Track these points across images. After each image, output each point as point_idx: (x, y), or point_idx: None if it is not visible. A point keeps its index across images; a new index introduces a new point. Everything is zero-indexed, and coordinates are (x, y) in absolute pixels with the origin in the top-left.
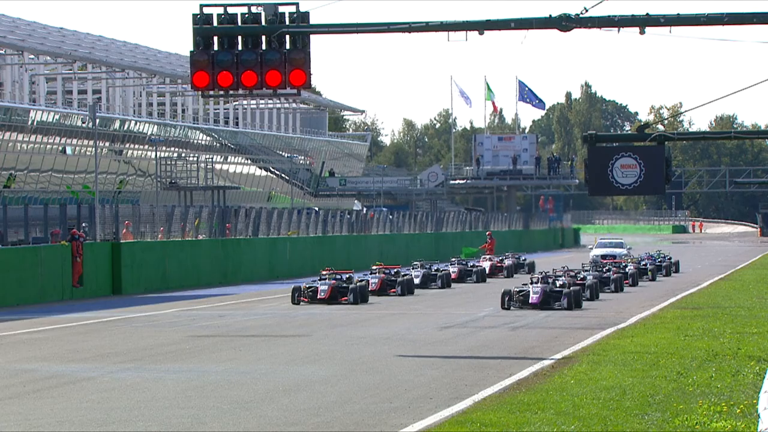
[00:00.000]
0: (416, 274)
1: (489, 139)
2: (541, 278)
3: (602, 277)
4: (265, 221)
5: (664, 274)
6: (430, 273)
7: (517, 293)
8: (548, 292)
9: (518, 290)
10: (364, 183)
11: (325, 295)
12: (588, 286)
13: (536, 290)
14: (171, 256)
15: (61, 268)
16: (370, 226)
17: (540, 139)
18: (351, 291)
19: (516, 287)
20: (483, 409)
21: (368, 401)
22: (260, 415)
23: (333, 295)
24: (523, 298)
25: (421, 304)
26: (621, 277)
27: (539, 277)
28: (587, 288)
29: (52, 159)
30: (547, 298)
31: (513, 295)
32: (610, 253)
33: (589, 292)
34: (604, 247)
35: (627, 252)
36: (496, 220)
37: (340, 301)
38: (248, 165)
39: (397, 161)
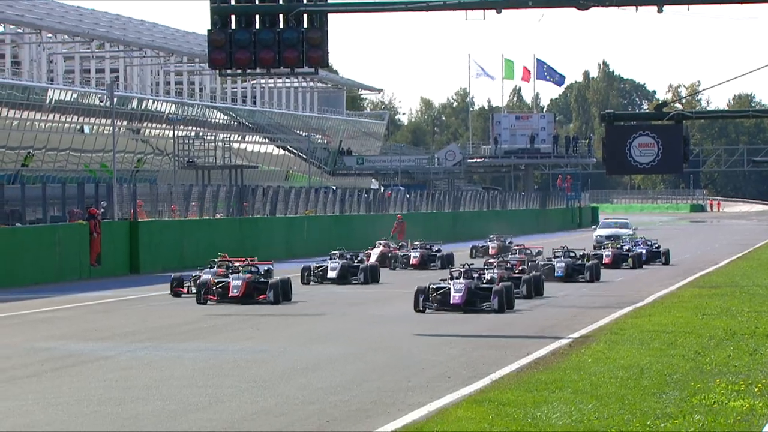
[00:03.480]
0: (333, 266)
1: (506, 118)
2: (464, 272)
3: (575, 265)
4: (283, 200)
5: (663, 261)
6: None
7: (435, 291)
8: (473, 289)
9: (435, 287)
10: (381, 162)
11: (416, 262)
12: (525, 281)
13: (458, 288)
14: (188, 235)
15: (79, 247)
16: (388, 205)
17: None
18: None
19: (433, 284)
20: (501, 388)
21: (385, 380)
22: (278, 393)
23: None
24: (442, 298)
25: None
26: (596, 264)
27: (461, 271)
28: (525, 283)
29: (70, 138)
30: (473, 297)
31: (429, 293)
32: (615, 234)
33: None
34: (608, 227)
35: (632, 233)
36: (513, 199)
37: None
38: (266, 144)
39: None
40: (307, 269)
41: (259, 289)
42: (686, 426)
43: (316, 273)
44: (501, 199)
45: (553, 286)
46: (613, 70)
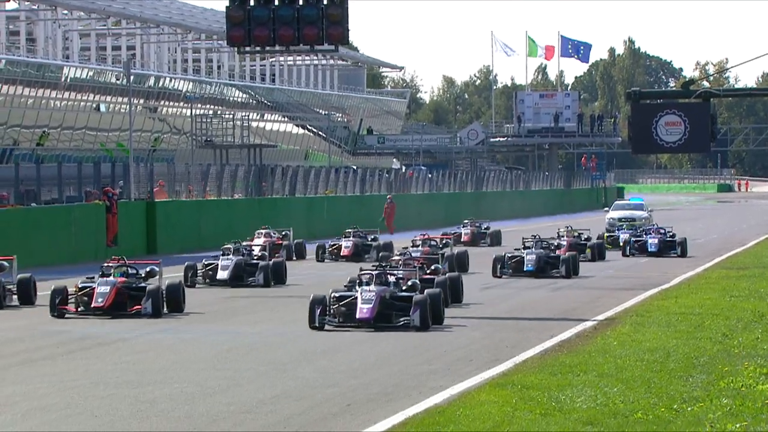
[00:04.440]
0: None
1: (530, 96)
2: (377, 276)
3: (548, 257)
4: (302, 180)
5: (679, 252)
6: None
7: (337, 301)
8: (387, 298)
9: (338, 296)
10: (402, 141)
11: (348, 252)
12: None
13: (367, 297)
14: (206, 215)
15: (95, 228)
16: (409, 185)
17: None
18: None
19: (335, 292)
20: (524, 371)
21: (407, 363)
22: (297, 376)
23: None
24: (346, 310)
25: None
26: (573, 257)
27: (372, 275)
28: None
29: (86, 116)
30: (387, 308)
31: (327, 304)
32: (629, 216)
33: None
34: (621, 209)
35: (648, 215)
36: (537, 179)
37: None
38: (285, 123)
39: (436, 119)
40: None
41: (134, 298)
42: (713, 410)
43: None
44: (524, 179)
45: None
46: (639, 47)
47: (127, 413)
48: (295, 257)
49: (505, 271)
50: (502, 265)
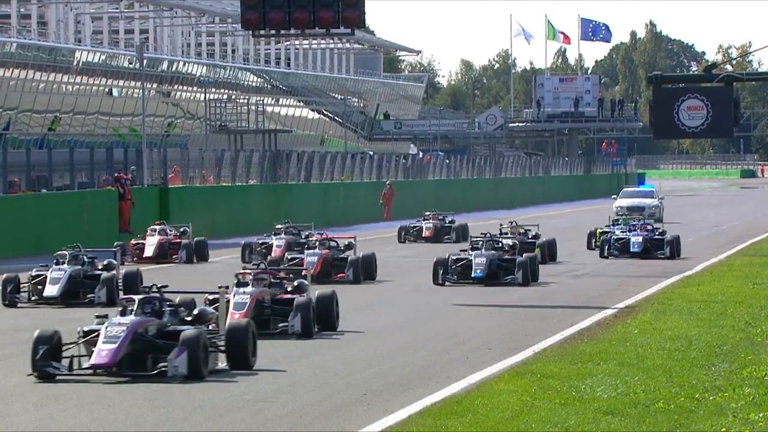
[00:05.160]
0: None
1: (550, 81)
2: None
3: (501, 260)
4: (318, 166)
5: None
6: None
7: None
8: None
9: None
10: (420, 126)
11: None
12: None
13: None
14: (220, 202)
15: (108, 214)
16: (427, 171)
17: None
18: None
19: None
20: (543, 359)
21: (425, 351)
22: (314, 364)
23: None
24: None
25: None
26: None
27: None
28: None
29: (98, 101)
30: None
31: None
32: (638, 205)
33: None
34: (630, 197)
35: (659, 203)
36: (556, 164)
37: None
38: (300, 107)
39: (454, 103)
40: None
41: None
42: (736, 399)
43: None
44: (544, 164)
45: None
46: (660, 31)
47: (141, 402)
48: (196, 259)
49: (449, 277)
50: (445, 270)
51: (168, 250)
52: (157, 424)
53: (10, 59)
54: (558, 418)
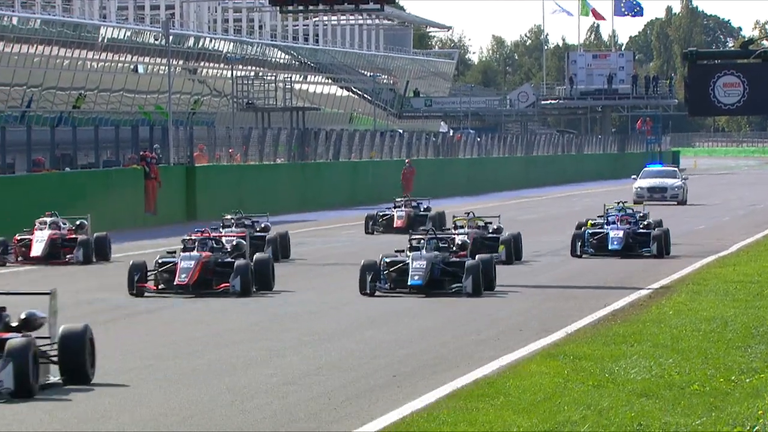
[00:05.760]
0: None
1: (583, 57)
2: None
3: (446, 263)
4: (347, 144)
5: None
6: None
7: None
8: None
9: None
10: (450, 103)
11: (402, 224)
12: None
13: None
14: (247, 181)
15: (133, 193)
16: (457, 149)
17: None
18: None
19: None
20: (576, 341)
21: (454, 333)
22: (342, 347)
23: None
24: None
25: None
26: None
27: None
28: None
29: (123, 78)
30: None
31: None
32: (660, 185)
33: None
34: (651, 177)
35: (682, 183)
36: (589, 142)
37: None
38: (329, 84)
39: (485, 80)
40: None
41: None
42: None
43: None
44: (576, 142)
45: None
46: (696, 6)
47: (165, 384)
48: (95, 258)
49: (380, 285)
50: (375, 277)
51: (61, 248)
52: (183, 405)
53: (34, 35)
54: (591, 401)
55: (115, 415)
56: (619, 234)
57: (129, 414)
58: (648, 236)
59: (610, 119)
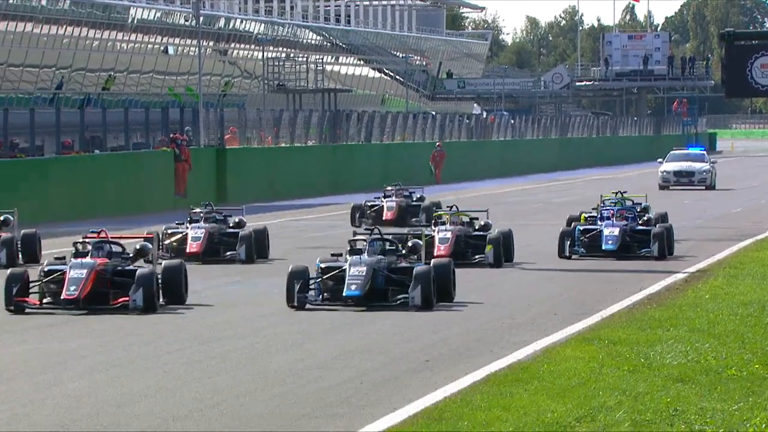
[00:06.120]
0: None
1: (618, 38)
2: None
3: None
4: (379, 126)
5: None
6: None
7: None
8: None
9: None
10: (483, 85)
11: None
12: None
13: None
14: (279, 163)
15: (163, 176)
16: (491, 131)
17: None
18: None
19: None
20: (611, 325)
21: (488, 317)
22: (374, 331)
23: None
24: None
25: None
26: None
27: None
28: None
29: (153, 59)
30: None
31: None
32: (687, 169)
33: None
34: (677, 161)
35: (710, 167)
36: (624, 124)
37: None
38: (361, 66)
39: (519, 62)
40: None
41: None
42: None
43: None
44: (611, 124)
45: None
46: None
47: (197, 368)
48: (22, 259)
49: (310, 296)
50: (305, 286)
51: None
52: (216, 390)
53: (63, 16)
54: (626, 385)
55: None
56: (615, 232)
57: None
58: (648, 234)
59: (646, 101)
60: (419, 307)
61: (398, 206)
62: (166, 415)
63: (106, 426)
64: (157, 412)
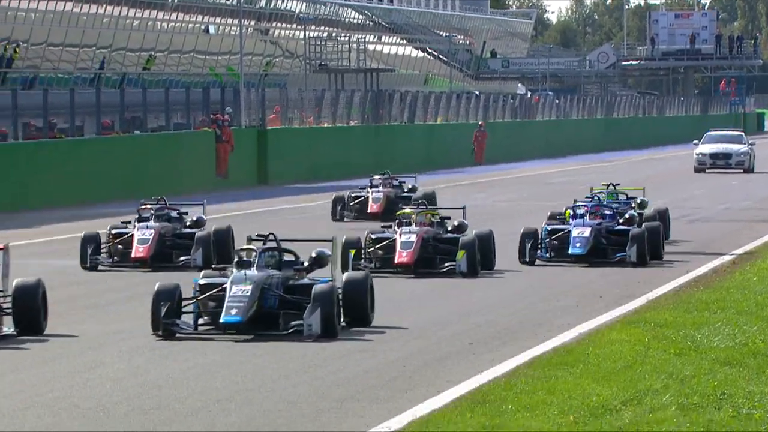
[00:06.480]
0: None
1: (665, 16)
2: None
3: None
4: (422, 106)
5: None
6: None
7: None
8: None
9: None
10: (528, 65)
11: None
12: None
13: None
14: (320, 144)
15: (205, 157)
16: (535, 111)
17: (721, 15)
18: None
19: None
20: (657, 308)
21: (532, 299)
22: (417, 314)
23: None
24: None
25: None
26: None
27: None
28: None
29: (194, 39)
30: None
31: None
32: (723, 151)
33: None
34: (714, 143)
35: (748, 149)
36: (671, 104)
37: None
38: (403, 45)
39: (564, 41)
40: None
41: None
42: None
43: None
44: (658, 104)
45: None
46: None
47: (239, 351)
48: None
49: (180, 323)
50: (171, 310)
51: None
52: (258, 372)
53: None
54: (673, 369)
55: None
56: (585, 233)
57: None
58: (625, 236)
59: (693, 80)
60: (318, 336)
61: (386, 198)
62: (207, 397)
63: (148, 408)
64: (198, 394)
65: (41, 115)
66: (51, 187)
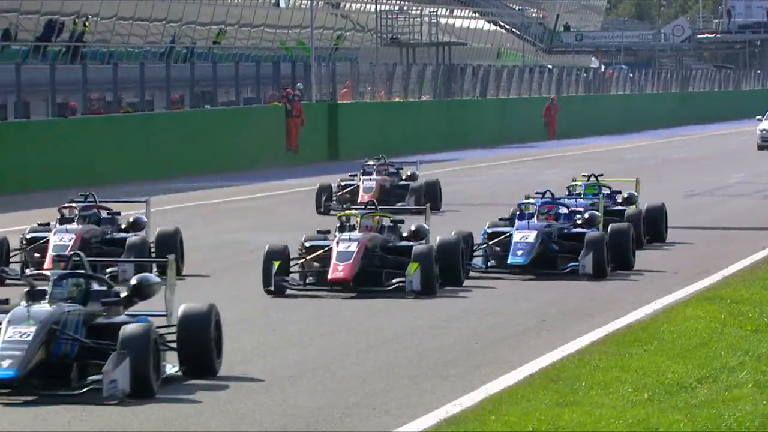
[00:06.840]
0: None
1: None
2: None
3: None
4: (494, 81)
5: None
6: None
7: None
8: None
9: None
10: (602, 38)
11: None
12: None
13: None
14: (392, 119)
15: (275, 131)
16: (609, 85)
17: None
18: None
19: None
20: (733, 284)
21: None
22: (489, 291)
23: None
24: None
25: None
26: (197, 324)
27: None
28: None
29: (265, 12)
30: None
31: None
32: None
33: None
34: None
35: None
36: (748, 78)
37: None
38: (476, 19)
39: (638, 13)
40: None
41: None
42: None
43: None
44: (734, 78)
45: None
46: None
47: (309, 327)
48: None
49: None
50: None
51: None
52: (328, 349)
53: None
54: (749, 346)
55: None
56: (528, 238)
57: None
58: (580, 240)
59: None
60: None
61: (379, 186)
62: (277, 374)
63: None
64: (268, 371)
65: (111, 90)
66: (119, 162)
